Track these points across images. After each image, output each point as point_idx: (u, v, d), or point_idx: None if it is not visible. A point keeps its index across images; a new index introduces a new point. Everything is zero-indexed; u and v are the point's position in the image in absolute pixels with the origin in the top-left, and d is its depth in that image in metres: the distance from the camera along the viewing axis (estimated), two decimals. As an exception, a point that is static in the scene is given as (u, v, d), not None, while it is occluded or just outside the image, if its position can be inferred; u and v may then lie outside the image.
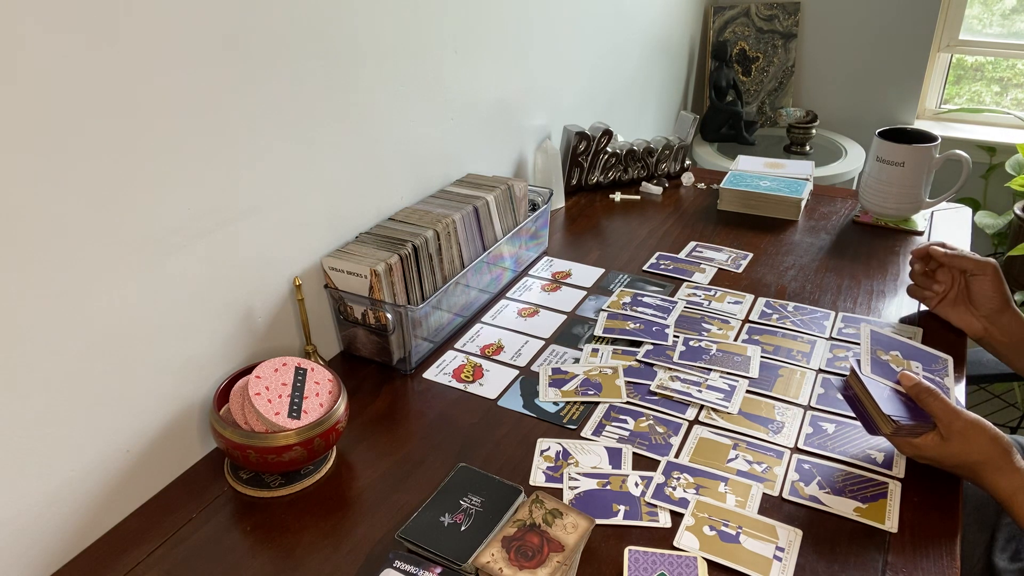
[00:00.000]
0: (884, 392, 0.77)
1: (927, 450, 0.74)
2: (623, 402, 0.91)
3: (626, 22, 1.78)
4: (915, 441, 0.75)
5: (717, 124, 2.28)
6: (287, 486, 0.80)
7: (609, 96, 1.79)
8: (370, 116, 1.00)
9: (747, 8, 2.33)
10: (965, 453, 0.73)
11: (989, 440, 0.72)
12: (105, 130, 0.67)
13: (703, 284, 1.17)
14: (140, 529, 0.76)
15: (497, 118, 1.32)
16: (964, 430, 0.73)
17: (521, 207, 1.19)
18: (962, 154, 1.26)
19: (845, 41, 2.34)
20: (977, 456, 0.72)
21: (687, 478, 0.79)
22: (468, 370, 0.99)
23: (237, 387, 0.82)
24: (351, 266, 0.93)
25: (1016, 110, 2.34)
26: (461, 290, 1.06)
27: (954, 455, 0.73)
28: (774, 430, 0.86)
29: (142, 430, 0.79)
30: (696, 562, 0.70)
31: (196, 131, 0.76)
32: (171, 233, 0.77)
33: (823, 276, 1.18)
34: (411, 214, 1.06)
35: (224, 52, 0.77)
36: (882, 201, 1.31)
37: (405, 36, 1.03)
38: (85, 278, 0.69)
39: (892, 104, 2.35)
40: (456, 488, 0.75)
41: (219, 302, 0.85)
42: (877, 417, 0.76)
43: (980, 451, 0.72)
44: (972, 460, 0.73)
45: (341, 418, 0.81)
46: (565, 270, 1.23)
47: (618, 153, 1.50)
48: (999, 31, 2.31)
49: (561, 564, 0.66)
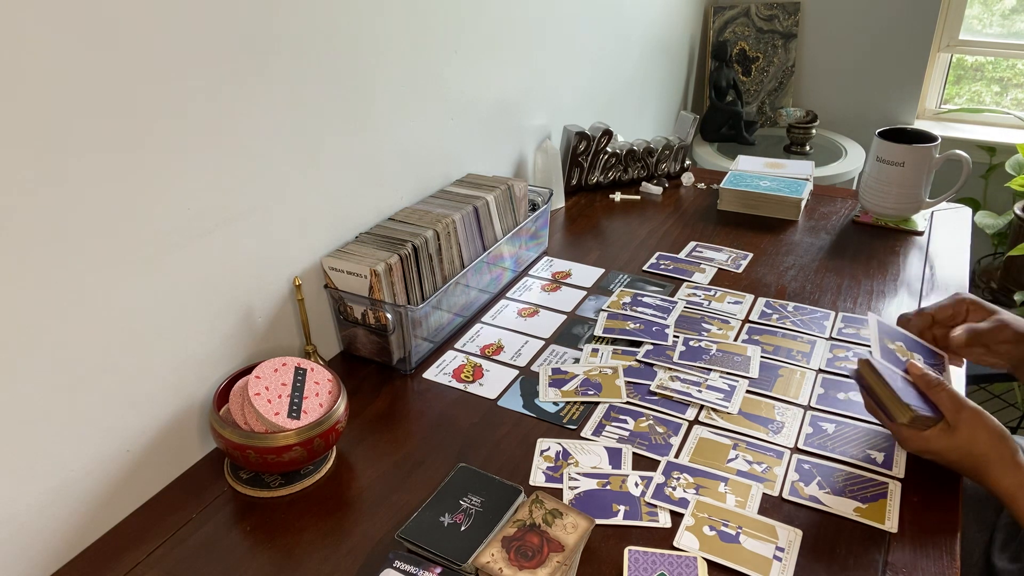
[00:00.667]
0: (898, 381, 0.77)
1: (933, 442, 0.74)
2: (623, 402, 0.91)
3: (626, 22, 1.78)
4: (923, 433, 0.75)
5: (717, 124, 2.28)
6: (287, 486, 0.80)
7: (609, 96, 1.79)
8: (370, 116, 1.00)
9: (747, 8, 2.33)
10: (971, 444, 0.72)
11: (995, 434, 0.72)
12: (105, 130, 0.67)
13: (703, 284, 1.17)
14: (140, 529, 0.76)
15: (497, 118, 1.32)
16: (971, 420, 0.72)
17: (521, 207, 1.19)
18: (962, 154, 1.26)
19: (845, 41, 2.34)
20: (982, 448, 0.72)
21: (687, 478, 0.79)
22: (468, 370, 0.99)
23: (237, 387, 0.82)
24: (351, 266, 0.93)
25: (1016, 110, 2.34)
26: (461, 290, 1.06)
27: (959, 447, 0.73)
28: (774, 430, 0.86)
29: (142, 430, 0.79)
30: (696, 562, 0.70)
31: (196, 131, 0.76)
32: (171, 233, 0.77)
33: (823, 276, 1.18)
34: (411, 214, 1.06)
35: (225, 52, 0.77)
36: (882, 201, 1.31)
37: (405, 36, 1.03)
38: (85, 278, 0.69)
39: (892, 104, 2.35)
40: (456, 488, 0.75)
41: (219, 302, 0.85)
42: (893, 405, 0.76)
43: (985, 444, 0.72)
44: (977, 452, 0.72)
45: (341, 418, 0.81)
46: (565, 270, 1.23)
47: (618, 153, 1.50)
48: (999, 31, 2.31)
49: (561, 564, 0.66)
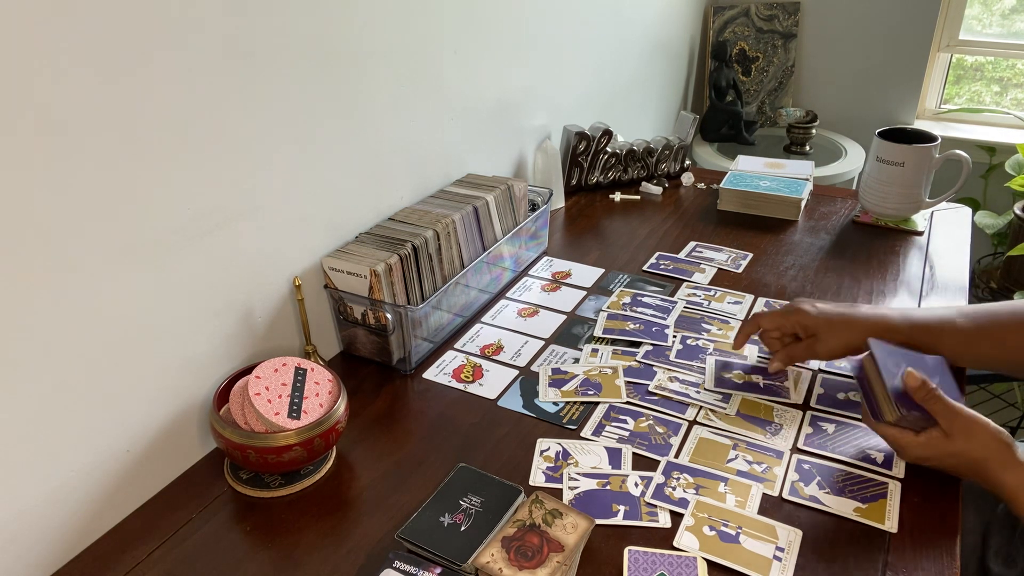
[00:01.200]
0: (895, 380, 0.77)
1: (930, 448, 0.74)
2: (623, 402, 0.91)
3: (626, 22, 1.78)
4: (919, 439, 0.75)
5: (717, 124, 2.28)
6: (287, 486, 0.80)
7: (609, 96, 1.78)
8: (370, 116, 1.00)
9: (747, 8, 2.33)
10: (969, 450, 0.73)
11: (991, 436, 0.72)
12: (106, 130, 0.67)
13: (703, 284, 1.17)
14: (140, 529, 0.76)
15: (497, 118, 1.32)
16: (966, 427, 0.73)
17: (521, 207, 1.19)
18: (962, 154, 1.26)
19: (845, 41, 2.34)
20: (980, 453, 0.72)
21: (687, 478, 0.79)
22: (468, 370, 0.99)
23: (237, 387, 0.82)
24: (351, 266, 0.93)
25: (1016, 110, 2.34)
26: (461, 290, 1.06)
27: (958, 453, 0.73)
28: (772, 432, 0.86)
29: (142, 430, 0.79)
30: (696, 562, 0.70)
31: (197, 131, 0.76)
32: (171, 233, 0.77)
33: (823, 276, 1.18)
34: (411, 214, 1.06)
35: (225, 52, 0.77)
36: (882, 201, 1.31)
37: (405, 36, 1.03)
38: (85, 278, 0.69)
39: (892, 104, 2.35)
40: (456, 488, 0.75)
41: (219, 302, 0.85)
42: (884, 402, 0.76)
43: (983, 447, 0.72)
44: (976, 457, 0.73)
45: (341, 418, 0.81)
46: (565, 270, 1.23)
47: (618, 153, 1.50)
48: (999, 31, 2.31)
49: (561, 564, 0.66)
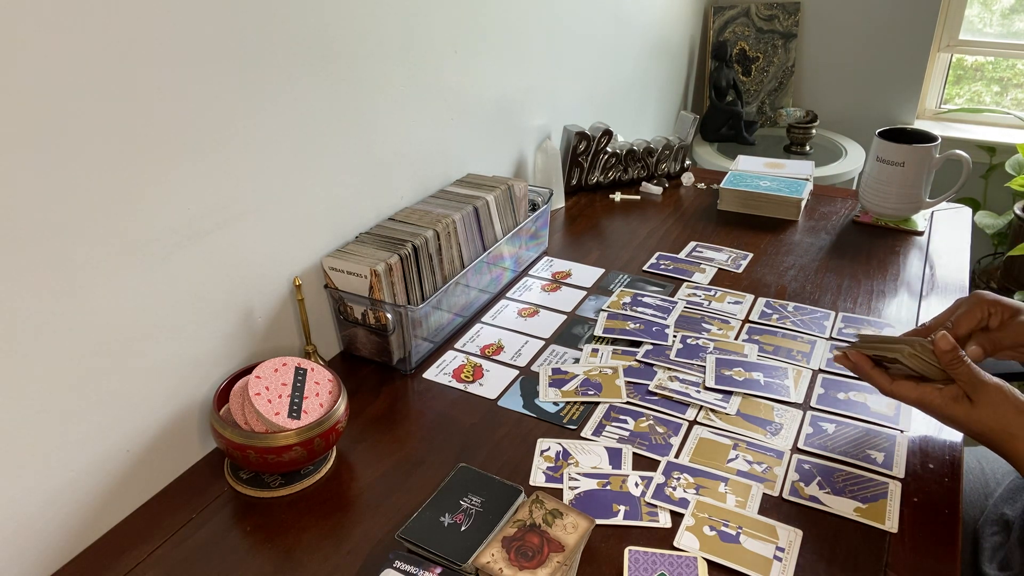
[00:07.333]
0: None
1: (957, 415, 0.74)
2: (623, 402, 0.91)
3: (626, 22, 1.78)
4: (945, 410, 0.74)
5: (717, 124, 2.28)
6: (287, 486, 0.80)
7: (609, 96, 1.78)
8: (370, 116, 1.00)
9: (747, 8, 2.33)
10: (993, 420, 0.72)
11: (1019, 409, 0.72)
12: (106, 130, 0.67)
13: (703, 284, 1.17)
14: (140, 529, 0.76)
15: (497, 118, 1.32)
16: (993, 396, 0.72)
17: (521, 207, 1.19)
18: (962, 154, 1.26)
19: (845, 41, 2.34)
20: (1005, 424, 0.72)
21: (687, 478, 0.79)
22: (468, 370, 0.99)
23: (237, 387, 0.82)
24: (351, 266, 0.93)
25: (1016, 110, 2.34)
26: (461, 290, 1.06)
27: (981, 420, 0.73)
28: (772, 432, 0.86)
29: (142, 430, 0.79)
30: (696, 562, 0.70)
31: (197, 131, 0.76)
32: (171, 233, 0.77)
33: (823, 276, 1.18)
34: (411, 214, 1.06)
35: (225, 52, 0.77)
36: (882, 201, 1.31)
37: (405, 36, 1.03)
38: (85, 278, 0.69)
39: (892, 104, 2.35)
40: (456, 488, 0.75)
41: (219, 302, 0.85)
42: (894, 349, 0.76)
43: (1008, 419, 0.72)
44: (1000, 428, 0.72)
45: (341, 418, 0.81)
46: (565, 270, 1.23)
47: (618, 153, 1.50)
48: (999, 31, 2.31)
49: (561, 564, 0.66)
